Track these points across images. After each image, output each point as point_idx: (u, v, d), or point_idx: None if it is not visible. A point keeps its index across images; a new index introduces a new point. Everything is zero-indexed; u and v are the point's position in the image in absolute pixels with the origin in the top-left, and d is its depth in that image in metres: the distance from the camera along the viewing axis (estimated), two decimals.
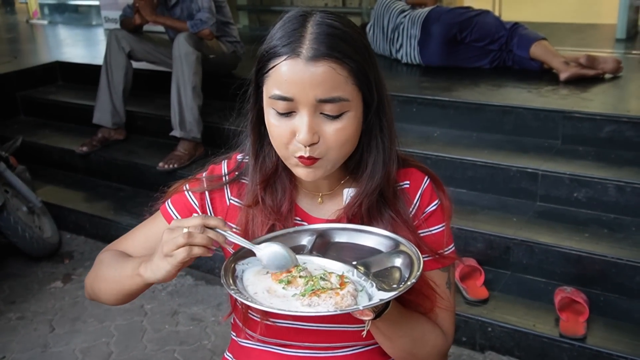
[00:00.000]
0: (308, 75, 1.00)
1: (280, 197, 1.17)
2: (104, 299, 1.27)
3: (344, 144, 1.06)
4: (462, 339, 2.52)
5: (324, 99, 1.01)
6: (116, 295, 1.22)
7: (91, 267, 1.31)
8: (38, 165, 4.06)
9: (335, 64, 1.01)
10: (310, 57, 1.00)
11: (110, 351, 2.67)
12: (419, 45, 4.00)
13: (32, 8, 7.96)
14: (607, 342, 2.27)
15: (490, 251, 2.68)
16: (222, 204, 1.22)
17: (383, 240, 1.10)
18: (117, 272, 1.19)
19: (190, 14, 3.68)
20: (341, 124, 1.04)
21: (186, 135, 3.55)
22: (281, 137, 1.06)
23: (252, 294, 1.00)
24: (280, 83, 1.02)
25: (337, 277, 1.01)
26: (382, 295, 0.97)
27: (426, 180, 1.20)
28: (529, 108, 3.10)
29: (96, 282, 1.27)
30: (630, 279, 2.42)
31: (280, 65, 1.02)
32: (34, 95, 4.72)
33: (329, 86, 1.01)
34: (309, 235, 1.13)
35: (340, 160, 1.10)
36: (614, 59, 3.59)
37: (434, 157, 3.01)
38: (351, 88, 1.03)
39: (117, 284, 1.19)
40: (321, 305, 0.95)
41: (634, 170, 2.70)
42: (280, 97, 1.03)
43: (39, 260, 3.37)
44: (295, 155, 1.06)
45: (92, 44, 6.26)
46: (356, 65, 1.03)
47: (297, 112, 1.04)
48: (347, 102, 1.03)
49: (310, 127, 1.03)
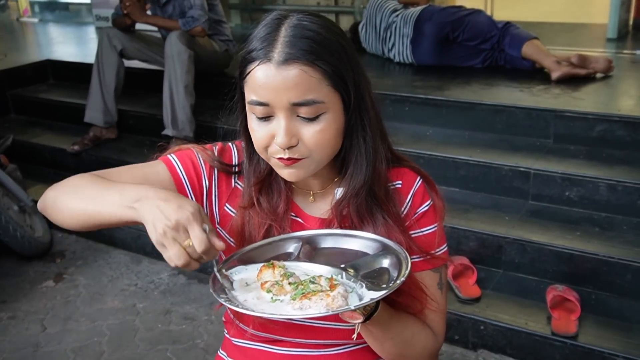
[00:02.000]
0: (280, 79, 1.00)
1: (276, 198, 1.17)
2: (57, 215, 1.10)
3: (325, 146, 1.06)
4: (454, 338, 2.53)
5: (298, 102, 1.02)
6: (78, 215, 1.06)
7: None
8: (29, 164, 4.04)
9: (306, 67, 1.01)
10: (281, 62, 1.00)
11: (102, 350, 2.66)
12: (412, 44, 4.01)
13: (22, 6, 7.91)
14: (599, 340, 2.28)
15: (483, 250, 2.69)
16: (228, 184, 1.21)
17: (369, 243, 1.11)
18: (95, 191, 1.05)
19: (182, 11, 3.67)
20: (319, 126, 1.04)
21: (178, 134, 3.54)
22: (260, 141, 1.06)
23: (242, 301, 1.00)
24: (256, 88, 1.03)
25: (326, 280, 1.01)
26: (373, 294, 0.98)
27: (418, 180, 1.19)
28: (521, 107, 3.11)
29: (61, 195, 1.10)
30: (621, 277, 2.43)
31: (254, 70, 1.03)
32: (25, 94, 4.69)
33: (302, 89, 1.01)
34: (295, 242, 1.13)
35: (324, 161, 1.09)
36: (605, 59, 3.60)
37: (427, 156, 3.01)
38: (326, 90, 1.03)
39: (87, 201, 1.05)
40: (312, 307, 0.95)
41: (625, 169, 2.71)
42: (257, 102, 1.04)
43: (30, 259, 3.35)
44: (275, 157, 1.07)
45: (84, 42, 6.23)
46: (330, 67, 1.02)
47: (274, 116, 1.04)
48: (323, 104, 1.03)
49: (288, 130, 1.03)
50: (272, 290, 1.00)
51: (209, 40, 3.81)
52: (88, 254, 3.42)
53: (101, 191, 1.04)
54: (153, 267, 3.27)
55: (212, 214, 1.22)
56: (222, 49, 3.90)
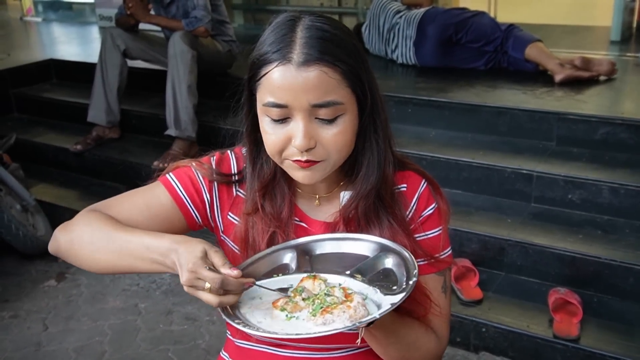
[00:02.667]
0: (300, 80, 1.00)
1: (280, 203, 1.16)
2: (80, 263, 1.12)
3: (342, 148, 1.06)
4: (456, 340, 2.53)
5: (318, 103, 1.01)
6: (107, 267, 1.10)
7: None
8: (32, 163, 4.04)
9: (327, 68, 1.00)
10: (302, 63, 1.00)
11: (104, 350, 2.66)
12: (415, 45, 4.01)
13: (26, 5, 7.92)
14: (601, 343, 2.28)
15: (485, 252, 2.69)
16: (229, 193, 1.21)
17: (366, 245, 1.10)
18: (118, 244, 1.08)
19: (185, 11, 3.67)
20: (337, 128, 1.04)
21: (181, 134, 3.54)
22: (275, 144, 1.05)
23: (256, 323, 0.98)
24: (273, 90, 1.02)
25: (339, 290, 0.99)
26: (390, 299, 0.95)
27: (423, 183, 1.19)
28: (524, 109, 3.10)
29: (78, 244, 1.12)
30: (623, 280, 2.43)
31: (271, 72, 1.01)
32: (28, 93, 4.70)
33: (322, 91, 1.01)
34: (289, 252, 1.11)
35: (339, 163, 1.09)
36: (608, 61, 3.60)
37: (429, 157, 3.01)
38: (344, 91, 1.03)
39: (117, 257, 1.07)
40: (336, 321, 0.92)
41: (627, 172, 2.71)
42: (274, 104, 1.02)
43: (32, 258, 3.36)
44: (291, 159, 1.05)
45: (87, 41, 6.24)
46: (348, 67, 1.03)
47: (291, 118, 1.03)
48: (342, 106, 1.03)
49: (307, 132, 1.02)
50: (286, 309, 0.98)
51: (212, 40, 3.81)
52: None
53: (124, 244, 1.07)
54: None
55: (216, 225, 1.22)
56: (225, 49, 3.91)
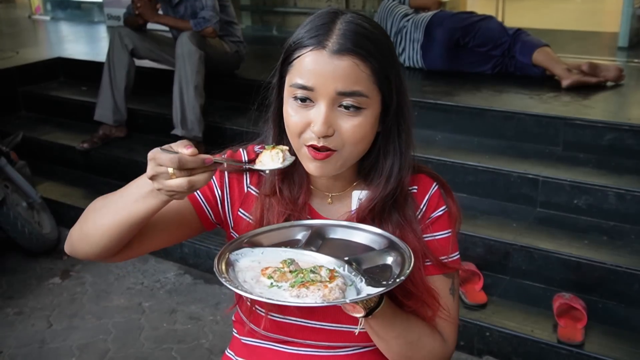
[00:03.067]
0: (331, 67, 1.02)
1: (297, 189, 1.18)
2: (90, 243, 1.12)
3: (359, 141, 1.07)
4: (460, 343, 2.52)
5: (344, 91, 1.03)
6: (110, 230, 1.08)
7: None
8: (38, 161, 4.05)
9: (359, 61, 1.03)
10: (335, 51, 1.03)
11: (107, 348, 2.66)
12: (422, 49, 4.01)
13: (34, 4, 7.96)
14: (605, 349, 2.28)
15: (490, 256, 2.68)
16: (240, 189, 1.22)
17: (377, 239, 1.12)
18: (113, 202, 1.08)
19: (194, 12, 3.69)
20: (358, 121, 1.05)
21: (187, 134, 3.54)
22: (296, 126, 1.07)
23: (241, 282, 1.01)
24: (303, 73, 1.05)
25: (327, 270, 1.02)
26: (371, 290, 0.98)
27: (434, 186, 1.20)
28: (531, 114, 3.10)
29: (85, 223, 1.13)
30: (628, 286, 2.42)
31: (304, 55, 1.05)
32: (36, 91, 4.72)
33: (351, 80, 1.03)
34: (304, 230, 1.15)
35: (352, 159, 1.10)
36: (616, 67, 3.59)
37: (435, 161, 3.01)
38: (372, 87, 1.05)
39: (115, 213, 1.07)
40: (309, 297, 0.95)
41: (634, 178, 2.70)
42: (301, 85, 1.04)
43: (37, 256, 3.37)
44: (306, 144, 1.06)
45: (95, 40, 6.26)
46: (379, 65, 1.05)
47: (315, 103, 1.05)
48: (366, 99, 1.05)
49: (327, 119, 1.04)
50: (273, 277, 1.01)
51: (220, 41, 3.82)
52: None
53: (117, 199, 1.08)
54: (159, 266, 3.28)
55: (226, 221, 1.23)
56: (232, 50, 3.91)
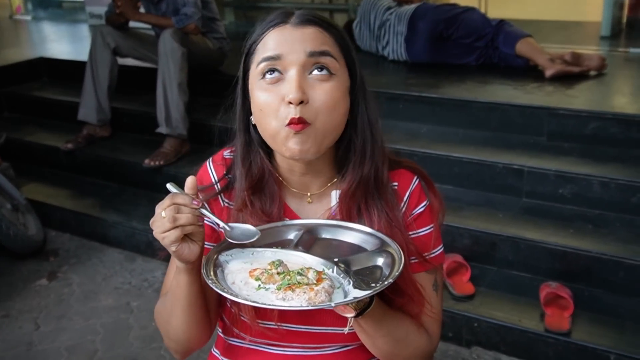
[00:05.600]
0: (297, 34, 1.06)
1: (270, 203, 1.16)
2: (183, 336, 1.18)
3: (332, 109, 1.06)
4: (448, 335, 2.53)
5: (314, 50, 1.05)
6: (184, 317, 1.14)
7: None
8: (22, 162, 4.02)
9: (322, 29, 1.08)
10: (298, 22, 1.07)
11: (96, 349, 2.65)
12: (406, 42, 4.01)
13: (15, 3, 7.88)
14: (592, 337, 2.29)
15: (476, 247, 2.70)
16: (217, 206, 1.21)
17: (369, 239, 1.10)
18: (170, 295, 1.15)
19: (176, 9, 3.66)
20: (329, 86, 1.06)
21: (172, 132, 3.53)
22: (269, 106, 1.06)
23: (229, 284, 1.00)
24: (268, 47, 1.07)
25: (314, 272, 1.00)
26: (357, 293, 0.97)
27: (415, 180, 1.19)
28: (515, 105, 3.11)
29: (168, 329, 1.19)
30: (614, 274, 2.44)
31: (267, 36, 1.08)
32: (18, 92, 4.68)
33: (319, 42, 1.06)
34: (296, 230, 1.13)
35: (328, 134, 1.08)
36: (598, 56, 3.61)
37: (421, 153, 3.01)
38: (338, 53, 1.09)
39: (177, 304, 1.13)
40: (294, 299, 0.95)
41: (618, 167, 2.72)
42: (268, 57, 1.06)
43: (23, 257, 3.34)
44: (285, 123, 1.04)
45: (77, 40, 6.20)
46: (340, 36, 1.10)
47: (284, 74, 1.05)
48: (335, 62, 1.07)
49: (299, 84, 1.04)
50: (261, 279, 1.00)
51: (203, 37, 3.80)
52: (82, 252, 3.41)
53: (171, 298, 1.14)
54: (147, 265, 3.27)
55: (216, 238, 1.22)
56: (215, 46, 3.90)
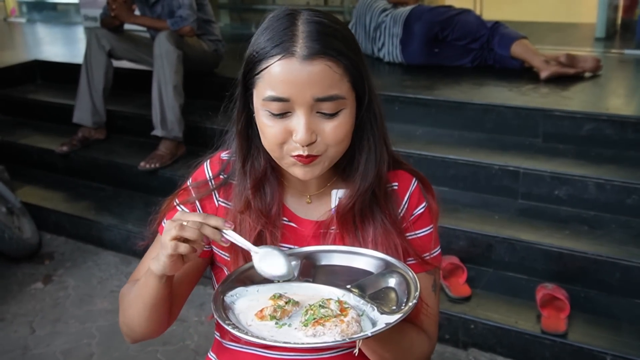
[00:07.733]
0: (305, 74, 0.99)
1: (270, 200, 1.15)
2: (138, 329, 1.19)
3: (342, 141, 1.05)
4: (445, 337, 2.53)
5: (322, 97, 1.00)
6: (144, 314, 1.14)
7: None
8: (17, 165, 4.01)
9: (331, 62, 1.00)
10: (306, 56, 0.99)
11: (92, 352, 2.64)
12: (401, 44, 4.01)
13: (9, 6, 7.85)
14: (588, 338, 2.30)
15: (473, 249, 2.70)
16: (211, 207, 1.19)
17: (371, 261, 1.08)
18: (136, 288, 1.14)
19: (171, 11, 3.65)
20: (338, 122, 1.03)
21: (167, 134, 3.52)
22: (276, 138, 1.03)
23: (245, 325, 0.97)
24: (275, 84, 1.00)
25: (336, 303, 0.97)
26: (386, 318, 0.94)
27: (414, 182, 1.19)
28: (510, 106, 3.12)
29: (126, 315, 1.19)
30: (610, 275, 2.44)
31: (273, 66, 1.00)
32: (13, 94, 4.66)
33: (326, 85, 1.00)
34: (293, 259, 1.09)
35: (336, 158, 1.08)
36: (593, 58, 3.62)
37: (416, 155, 3.02)
38: (346, 86, 1.03)
39: (140, 299, 1.13)
40: (327, 334, 0.91)
41: (613, 168, 2.73)
42: (276, 98, 1.00)
43: (18, 261, 3.33)
44: (291, 155, 1.04)
45: (72, 42, 6.20)
46: (350, 62, 1.02)
47: (292, 112, 1.02)
48: (343, 100, 1.03)
49: (308, 127, 1.01)
50: (275, 316, 0.97)
51: (198, 40, 3.80)
52: (77, 255, 3.40)
53: (136, 287, 1.14)
54: None
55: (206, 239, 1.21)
56: (211, 48, 3.89)
